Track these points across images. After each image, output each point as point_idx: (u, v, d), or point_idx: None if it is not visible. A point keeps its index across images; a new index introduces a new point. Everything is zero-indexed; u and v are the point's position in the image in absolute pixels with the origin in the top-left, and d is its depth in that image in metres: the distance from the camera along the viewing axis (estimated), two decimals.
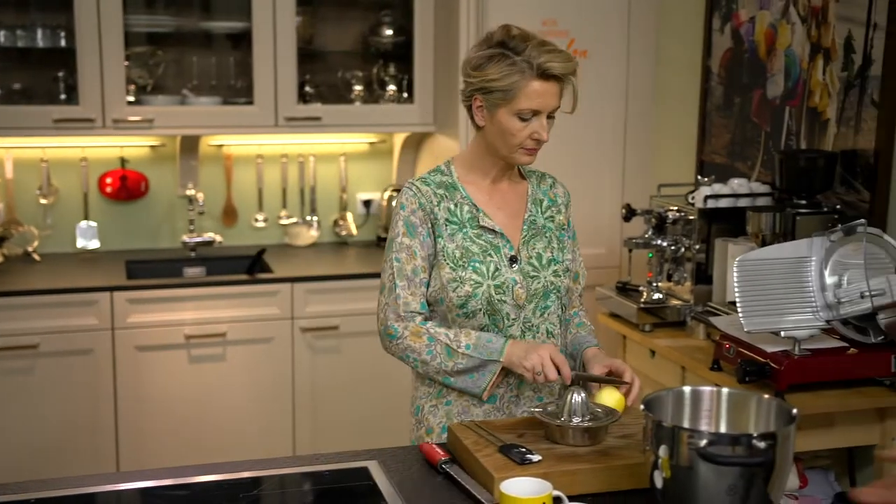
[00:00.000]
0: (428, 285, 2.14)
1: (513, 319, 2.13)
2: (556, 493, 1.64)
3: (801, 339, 2.54)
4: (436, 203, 2.13)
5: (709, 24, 3.56)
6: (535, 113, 2.06)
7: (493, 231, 2.14)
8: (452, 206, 2.14)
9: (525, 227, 2.18)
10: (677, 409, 1.75)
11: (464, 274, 2.10)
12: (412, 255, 2.12)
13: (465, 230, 2.13)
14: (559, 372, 2.00)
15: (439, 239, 2.12)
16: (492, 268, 2.11)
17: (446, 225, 2.13)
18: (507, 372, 2.11)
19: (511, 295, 2.12)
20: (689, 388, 1.76)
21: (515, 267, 2.13)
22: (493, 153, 2.14)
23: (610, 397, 2.01)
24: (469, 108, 2.14)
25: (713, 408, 1.75)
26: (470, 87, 2.10)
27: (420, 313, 2.13)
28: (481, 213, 2.14)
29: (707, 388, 1.76)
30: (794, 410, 1.61)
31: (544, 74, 2.03)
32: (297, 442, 3.81)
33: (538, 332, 2.16)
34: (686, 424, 1.73)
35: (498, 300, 2.11)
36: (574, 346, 2.25)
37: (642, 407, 1.65)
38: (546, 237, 2.19)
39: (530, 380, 2.03)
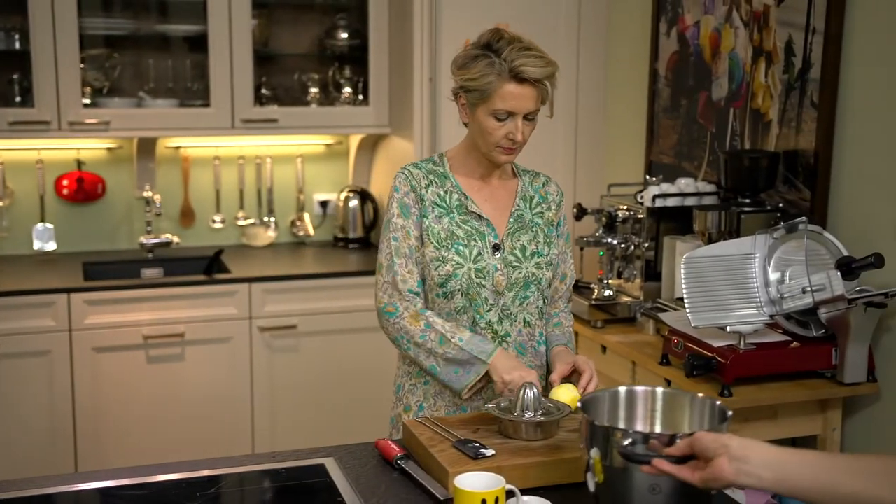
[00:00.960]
0: (420, 263, 2.20)
1: (491, 305, 2.18)
2: (509, 486, 1.67)
3: (745, 334, 2.60)
4: (424, 186, 2.20)
5: (656, 29, 3.63)
6: (511, 114, 2.10)
7: (479, 217, 2.19)
8: (442, 193, 2.20)
9: (511, 220, 2.23)
10: (613, 409, 1.75)
11: (446, 254, 2.16)
12: (407, 235, 2.18)
13: (451, 215, 2.19)
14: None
15: (425, 219, 2.18)
16: (474, 252, 2.17)
17: (433, 207, 2.19)
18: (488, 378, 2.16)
19: (491, 280, 2.17)
20: (625, 389, 1.76)
21: (498, 255, 2.19)
22: (477, 150, 2.20)
23: (565, 394, 2.05)
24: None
25: (649, 408, 1.75)
26: (455, 85, 2.17)
27: (417, 293, 2.18)
28: (469, 201, 2.20)
29: (641, 388, 1.76)
30: (730, 412, 1.61)
31: (518, 77, 2.07)
32: (255, 441, 3.83)
33: (515, 321, 2.21)
34: (621, 425, 1.73)
35: (477, 283, 2.16)
36: (548, 342, 2.30)
37: (579, 405, 1.67)
38: (532, 231, 2.24)
39: (499, 391, 2.08)
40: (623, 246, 3.26)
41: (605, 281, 3.30)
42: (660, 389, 1.76)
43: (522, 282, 2.20)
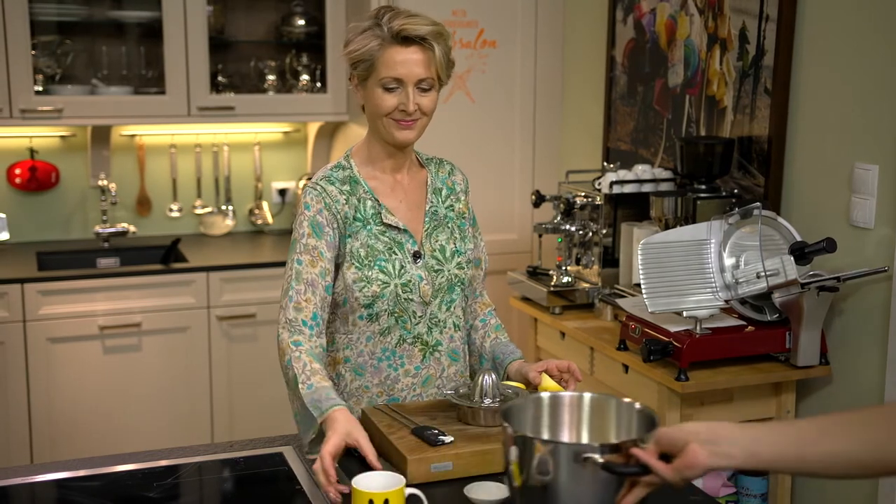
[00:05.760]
0: (331, 289, 2.05)
1: (419, 317, 2.08)
2: (413, 490, 1.65)
3: (701, 319, 2.63)
4: (343, 201, 2.05)
5: (612, 16, 3.64)
6: (399, 82, 1.99)
7: (396, 228, 2.07)
8: (356, 202, 2.06)
9: (427, 218, 2.12)
10: (536, 416, 1.68)
11: (370, 273, 2.03)
12: (318, 257, 2.02)
13: (368, 227, 2.05)
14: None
15: (348, 239, 2.04)
16: (397, 266, 2.05)
17: (352, 224, 2.05)
18: (411, 369, 2.11)
19: (417, 292, 2.07)
20: (548, 395, 1.70)
21: (419, 263, 2.07)
22: (378, 136, 2.08)
23: (553, 384, 2.03)
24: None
25: (575, 415, 1.68)
26: (348, 66, 2.06)
27: (309, 325, 1.99)
28: (384, 210, 2.07)
29: (567, 394, 1.70)
30: (657, 417, 1.57)
31: (400, 38, 1.96)
32: (215, 431, 3.82)
33: (445, 327, 2.12)
34: (545, 433, 1.67)
35: (405, 299, 2.05)
36: (496, 355, 2.19)
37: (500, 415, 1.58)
38: (448, 227, 2.13)
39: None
40: (581, 232, 3.28)
41: (564, 267, 3.32)
42: (587, 395, 1.69)
43: (446, 286, 2.10)
